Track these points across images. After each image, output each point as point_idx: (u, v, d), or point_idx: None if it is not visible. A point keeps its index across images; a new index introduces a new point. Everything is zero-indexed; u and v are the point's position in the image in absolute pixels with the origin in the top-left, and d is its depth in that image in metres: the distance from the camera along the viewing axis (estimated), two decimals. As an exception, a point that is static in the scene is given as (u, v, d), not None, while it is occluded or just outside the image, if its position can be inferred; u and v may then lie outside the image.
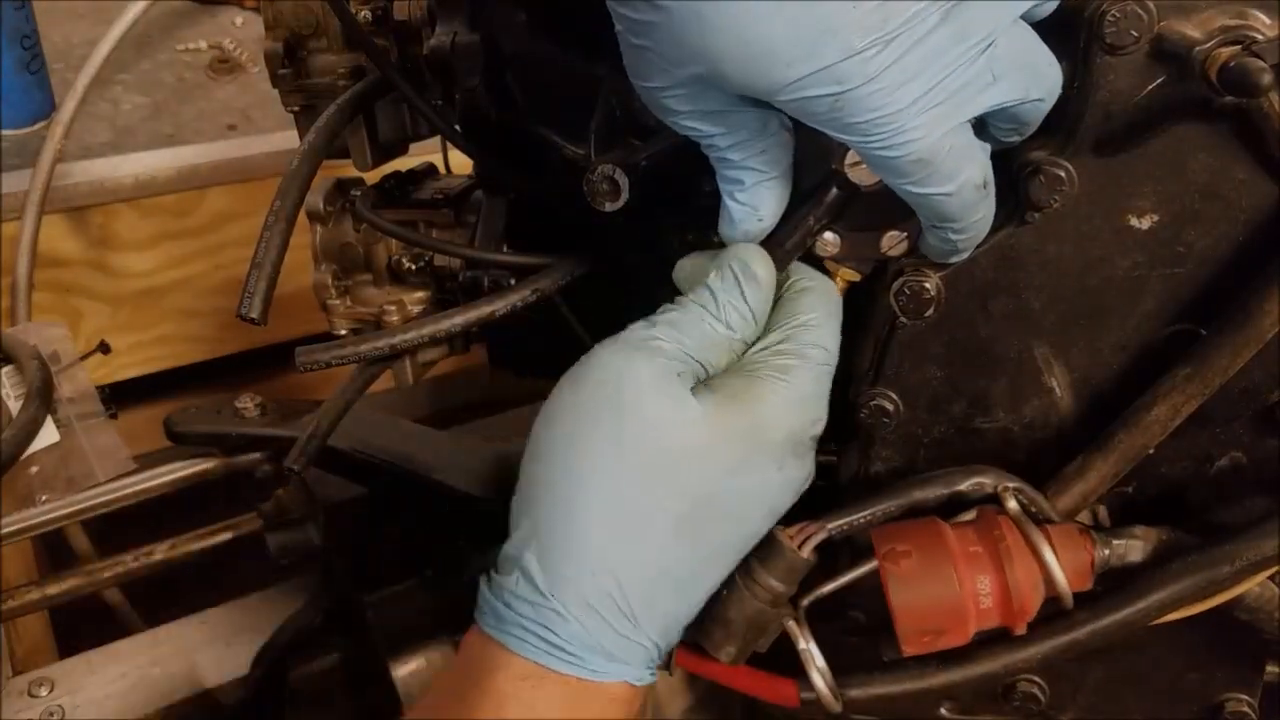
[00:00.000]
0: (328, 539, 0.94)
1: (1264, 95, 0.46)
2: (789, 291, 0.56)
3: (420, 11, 0.76)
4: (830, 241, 0.57)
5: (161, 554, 0.94)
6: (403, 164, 0.86)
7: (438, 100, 0.76)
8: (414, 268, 0.81)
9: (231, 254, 1.45)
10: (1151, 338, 0.57)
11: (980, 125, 0.50)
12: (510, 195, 0.78)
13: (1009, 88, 0.47)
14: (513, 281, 0.74)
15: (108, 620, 1.32)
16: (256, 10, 1.68)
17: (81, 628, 1.19)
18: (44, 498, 0.92)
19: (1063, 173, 0.52)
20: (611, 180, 0.59)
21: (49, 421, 0.96)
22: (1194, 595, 0.56)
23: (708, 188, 0.56)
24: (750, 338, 0.54)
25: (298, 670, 0.93)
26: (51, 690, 0.94)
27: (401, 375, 0.77)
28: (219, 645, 0.98)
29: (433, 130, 0.79)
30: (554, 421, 0.53)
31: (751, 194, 0.53)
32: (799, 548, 0.57)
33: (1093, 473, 0.58)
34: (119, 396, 1.15)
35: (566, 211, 0.67)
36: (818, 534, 0.58)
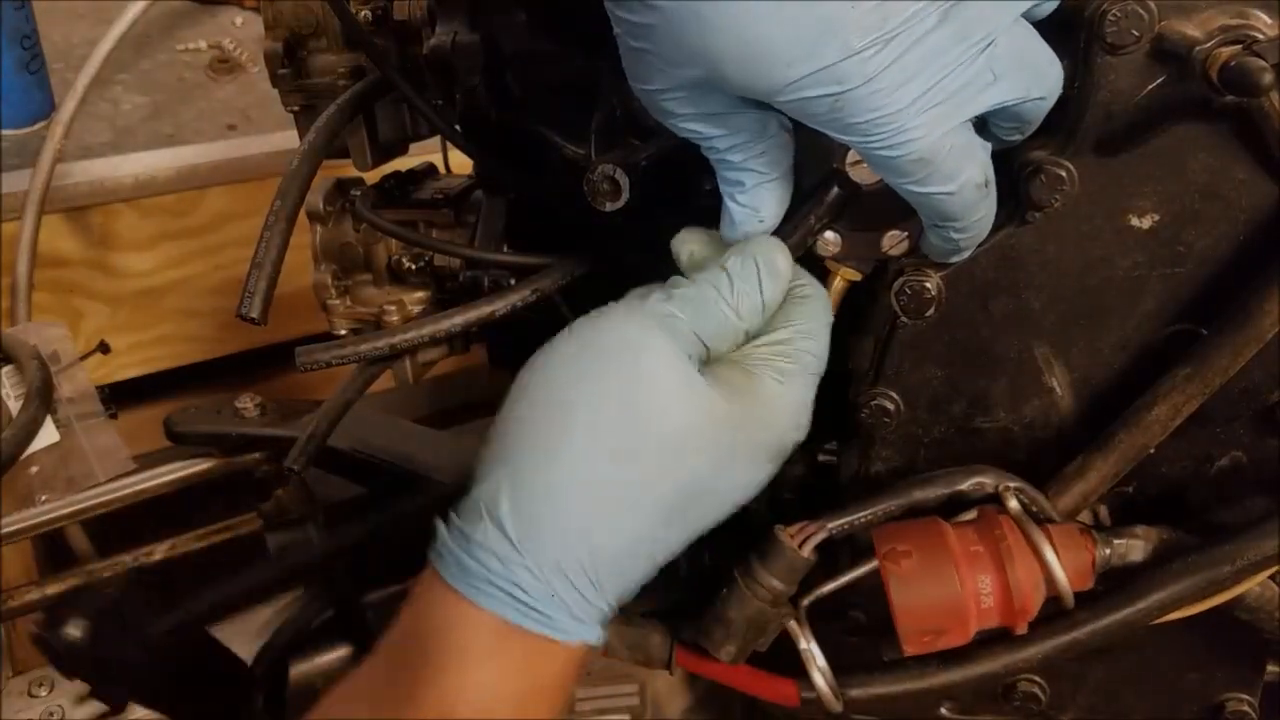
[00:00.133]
0: (328, 539, 0.94)
1: (1264, 95, 0.46)
2: (790, 296, 0.55)
3: (420, 11, 0.76)
4: (831, 241, 0.57)
5: (161, 554, 0.94)
6: (403, 164, 0.86)
7: (438, 100, 0.76)
8: (414, 268, 0.81)
9: (231, 254, 1.45)
10: (1152, 338, 0.57)
11: (981, 124, 0.50)
12: (510, 195, 0.78)
13: (1009, 87, 0.47)
14: (513, 281, 0.74)
15: (108, 620, 1.31)
16: (256, 10, 1.68)
17: (81, 628, 1.19)
18: (44, 498, 0.92)
19: (1063, 172, 0.52)
20: (612, 180, 0.59)
21: (49, 421, 0.96)
22: (1194, 595, 0.56)
23: (708, 187, 0.56)
24: (754, 330, 0.54)
25: (298, 670, 0.93)
26: (51, 690, 0.94)
27: (401, 375, 0.77)
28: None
29: (433, 130, 0.79)
30: (553, 375, 0.51)
31: (752, 195, 0.53)
32: (799, 547, 0.57)
33: (1093, 472, 0.58)
34: (119, 396, 1.15)
35: (566, 211, 0.67)
36: (818, 533, 0.58)
